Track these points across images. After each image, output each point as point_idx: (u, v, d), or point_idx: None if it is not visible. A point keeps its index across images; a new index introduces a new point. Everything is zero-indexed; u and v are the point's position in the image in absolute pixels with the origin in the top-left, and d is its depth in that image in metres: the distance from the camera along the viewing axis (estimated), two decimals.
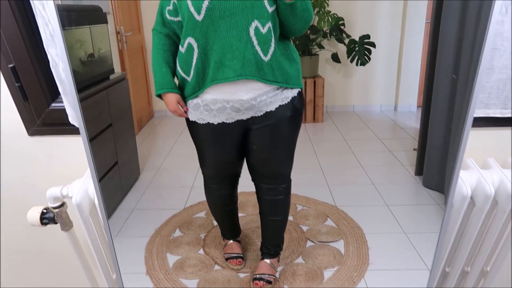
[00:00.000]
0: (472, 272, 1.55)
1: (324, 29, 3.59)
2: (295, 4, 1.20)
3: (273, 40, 1.29)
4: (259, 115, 1.42)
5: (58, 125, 1.44)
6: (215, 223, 2.11)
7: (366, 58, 3.70)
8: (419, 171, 2.66)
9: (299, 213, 2.26)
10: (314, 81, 3.79)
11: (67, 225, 1.45)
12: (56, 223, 1.41)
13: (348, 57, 3.74)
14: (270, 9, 1.26)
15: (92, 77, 2.10)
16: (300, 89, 1.45)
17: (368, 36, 3.70)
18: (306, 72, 3.79)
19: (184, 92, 1.43)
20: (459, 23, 2.17)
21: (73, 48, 1.94)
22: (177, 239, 2.09)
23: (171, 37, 1.40)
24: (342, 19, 3.72)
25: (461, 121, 2.07)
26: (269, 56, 1.29)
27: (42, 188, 1.41)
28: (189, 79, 1.36)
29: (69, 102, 1.34)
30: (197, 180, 2.57)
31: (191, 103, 1.43)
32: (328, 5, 3.75)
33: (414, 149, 3.05)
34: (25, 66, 1.31)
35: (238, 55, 1.26)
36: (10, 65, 1.33)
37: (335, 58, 3.89)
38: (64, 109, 1.36)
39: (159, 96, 1.43)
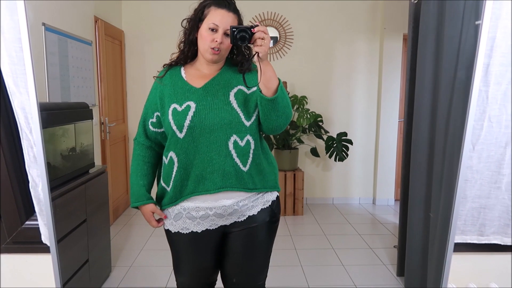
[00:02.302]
0: None
1: (303, 125, 3.74)
2: (276, 99, 1.24)
3: (251, 151, 1.34)
4: (242, 219, 1.41)
5: (29, 243, 1.39)
6: None
7: (344, 154, 3.81)
8: (400, 271, 2.61)
9: None
10: (294, 174, 3.85)
11: None
12: None
13: (326, 153, 3.86)
14: (248, 123, 1.33)
15: (71, 172, 2.08)
16: (277, 194, 1.48)
17: (345, 134, 3.86)
18: (286, 165, 3.86)
19: (162, 201, 1.43)
20: (430, 124, 2.29)
21: (55, 144, 1.95)
22: None
23: (153, 149, 1.45)
24: (320, 116, 3.90)
25: (440, 247, 2.09)
26: (247, 166, 1.34)
27: None
28: (168, 189, 1.39)
29: (44, 221, 1.31)
30: (171, 282, 2.44)
31: (172, 212, 1.41)
32: (307, 103, 3.96)
33: (394, 247, 3.02)
34: (4, 186, 1.29)
35: (218, 169, 1.31)
36: None
37: (314, 152, 4.00)
38: (37, 228, 1.33)
39: (135, 207, 1.43)
